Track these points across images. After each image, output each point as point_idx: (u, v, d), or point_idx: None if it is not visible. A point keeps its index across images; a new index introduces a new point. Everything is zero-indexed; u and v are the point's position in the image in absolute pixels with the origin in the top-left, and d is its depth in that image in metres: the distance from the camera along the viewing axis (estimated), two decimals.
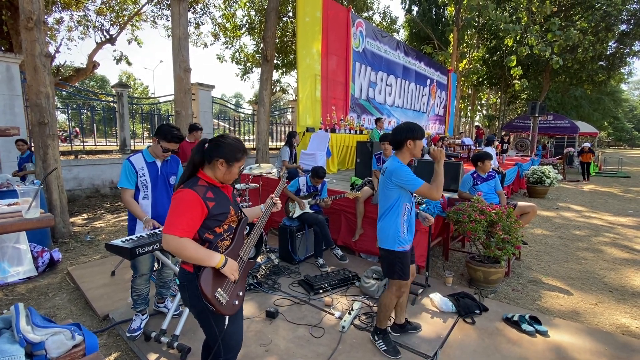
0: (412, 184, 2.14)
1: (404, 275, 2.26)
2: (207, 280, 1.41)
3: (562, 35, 11.94)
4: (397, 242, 2.22)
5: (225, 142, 1.50)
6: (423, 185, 2.11)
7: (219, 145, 1.49)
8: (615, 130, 40.67)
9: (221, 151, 1.48)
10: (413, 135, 2.19)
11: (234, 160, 1.51)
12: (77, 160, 7.36)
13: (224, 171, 1.51)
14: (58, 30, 11.75)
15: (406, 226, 2.24)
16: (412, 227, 2.31)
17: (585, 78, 19.09)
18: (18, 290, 3.31)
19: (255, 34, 14.15)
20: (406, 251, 2.25)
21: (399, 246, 2.22)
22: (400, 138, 2.21)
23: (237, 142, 1.55)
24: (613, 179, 13.34)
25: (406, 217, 2.23)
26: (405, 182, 2.15)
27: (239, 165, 1.55)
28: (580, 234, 5.46)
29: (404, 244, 2.23)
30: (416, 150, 2.21)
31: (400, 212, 2.22)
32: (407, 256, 2.26)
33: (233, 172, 1.53)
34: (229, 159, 1.50)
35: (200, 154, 1.51)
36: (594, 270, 3.95)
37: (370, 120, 9.08)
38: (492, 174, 4.07)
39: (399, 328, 2.55)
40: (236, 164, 1.53)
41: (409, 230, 2.27)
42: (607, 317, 2.95)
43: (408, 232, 2.26)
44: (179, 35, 5.69)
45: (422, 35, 19.37)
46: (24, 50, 4.32)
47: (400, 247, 2.23)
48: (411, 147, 2.19)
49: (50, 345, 1.11)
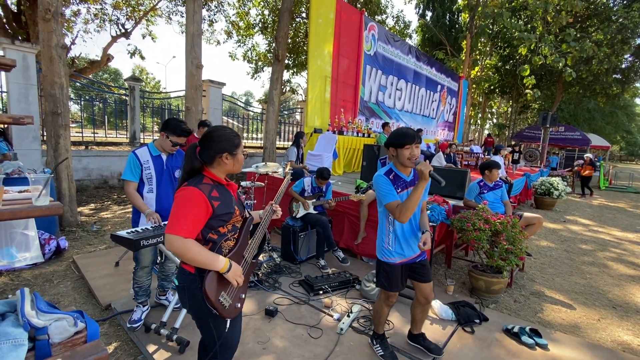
0: (382, 197, 2.05)
1: (387, 285, 2.19)
2: (212, 284, 1.37)
3: (577, 46, 11.79)
4: (381, 251, 2.19)
5: (219, 136, 1.46)
6: (391, 202, 2.00)
7: (214, 141, 1.45)
8: (627, 144, 39.97)
9: (220, 146, 1.45)
10: (392, 143, 2.05)
11: (235, 147, 1.48)
12: (87, 151, 7.47)
13: (231, 163, 1.48)
14: (75, 22, 11.96)
15: (392, 237, 2.12)
16: (404, 240, 2.14)
17: (599, 90, 18.81)
18: (24, 275, 3.38)
19: (267, 33, 14.24)
20: (391, 263, 2.14)
21: (384, 256, 2.17)
22: (386, 143, 2.13)
23: (226, 129, 1.52)
24: (623, 194, 13.11)
25: (392, 229, 2.12)
26: (378, 194, 2.08)
27: (241, 150, 1.52)
28: (587, 248, 5.38)
29: (388, 255, 2.14)
30: (400, 159, 2.03)
31: (385, 222, 2.16)
32: (392, 268, 2.15)
33: (239, 158, 1.51)
34: (230, 149, 1.46)
35: (197, 160, 1.46)
36: (598, 286, 3.90)
37: (378, 124, 9.07)
38: (499, 183, 4.03)
39: (412, 338, 2.49)
40: (238, 150, 1.49)
41: (397, 242, 2.12)
42: (609, 333, 2.90)
43: (396, 244, 2.12)
44: (193, 32, 5.75)
45: (435, 41, 19.28)
46: (41, 40, 4.41)
47: (385, 258, 2.16)
48: (394, 154, 2.06)
49: (53, 331, 1.13)
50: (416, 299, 2.32)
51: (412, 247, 2.16)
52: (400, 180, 2.09)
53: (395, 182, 2.07)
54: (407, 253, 2.15)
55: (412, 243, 2.16)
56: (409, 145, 1.99)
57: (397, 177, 2.09)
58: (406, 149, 1.99)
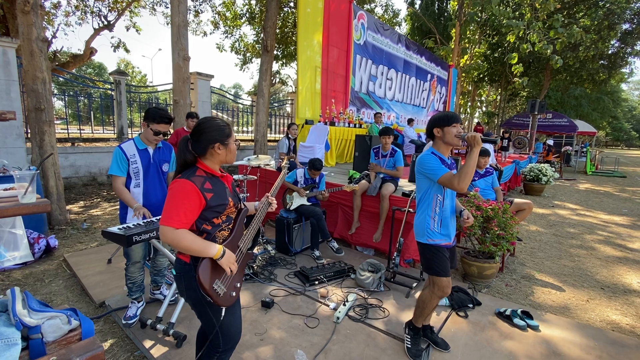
0: (434, 173, 2.03)
1: (441, 271, 2.10)
2: (205, 271, 1.39)
3: (565, 32, 11.88)
4: (426, 234, 2.14)
5: (209, 126, 1.47)
6: (446, 173, 1.99)
7: (205, 133, 1.46)
8: (613, 130, 40.81)
9: (211, 137, 1.45)
10: (439, 123, 2.08)
11: (226, 137, 1.48)
12: (74, 148, 7.30)
13: (224, 153, 1.49)
14: (55, 15, 11.56)
15: (438, 220, 2.10)
16: (449, 222, 2.14)
17: (585, 77, 19.09)
18: (14, 275, 3.32)
19: (255, 23, 13.99)
20: (438, 245, 2.11)
21: (429, 239, 2.13)
22: (429, 127, 2.15)
23: (216, 119, 1.52)
24: (609, 179, 13.43)
25: (438, 210, 2.10)
26: (427, 170, 2.07)
27: (233, 140, 1.52)
28: (575, 231, 5.52)
29: (434, 237, 2.11)
30: (447, 137, 2.06)
31: (431, 203, 2.12)
32: (440, 250, 2.11)
33: (232, 148, 1.51)
34: (221, 138, 1.47)
35: (189, 153, 1.47)
36: (586, 268, 4.01)
37: (369, 114, 9.05)
38: (490, 170, 4.08)
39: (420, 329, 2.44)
40: (230, 140, 1.50)
41: (444, 224, 2.11)
42: (598, 313, 3.00)
43: (442, 226, 2.11)
44: (178, 23, 5.60)
45: (424, 30, 19.22)
46: (21, 34, 4.25)
47: (431, 240, 2.12)
48: (440, 135, 2.09)
49: (46, 329, 1.11)
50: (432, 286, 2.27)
51: (453, 230, 2.17)
52: (444, 162, 2.11)
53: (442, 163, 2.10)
54: (451, 235, 2.16)
55: (453, 226, 2.18)
56: (456, 124, 2.07)
57: (441, 159, 2.11)
58: (454, 127, 2.06)
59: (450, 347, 2.36)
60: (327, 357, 2.24)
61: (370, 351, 2.32)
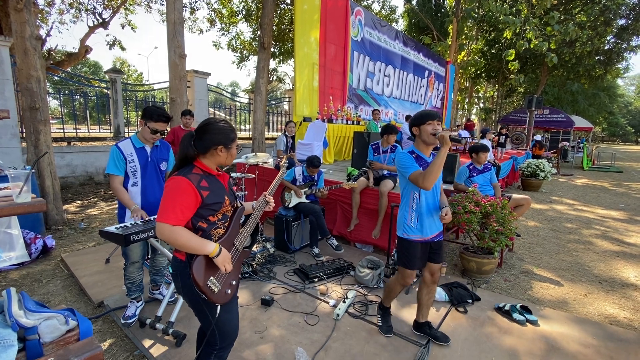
0: (405, 170, 2.13)
1: (406, 263, 2.24)
2: (200, 268, 1.39)
3: (561, 29, 11.89)
4: (402, 228, 2.24)
5: (215, 128, 1.48)
6: (415, 172, 2.09)
7: (210, 133, 1.47)
8: (609, 125, 40.95)
9: (216, 138, 1.47)
10: (415, 122, 2.16)
11: (230, 141, 1.52)
12: (70, 147, 7.25)
13: (225, 156, 1.52)
14: (49, 13, 11.43)
15: (415, 215, 2.19)
16: (426, 218, 2.19)
17: (582, 72, 19.12)
18: (11, 276, 3.29)
19: (252, 20, 13.89)
20: (412, 240, 2.20)
21: (404, 233, 2.23)
22: (409, 127, 2.22)
23: (225, 123, 1.54)
24: (606, 174, 13.49)
25: (415, 206, 2.19)
26: (401, 168, 2.16)
27: (236, 145, 1.56)
28: (572, 226, 5.54)
29: (409, 232, 2.21)
30: (423, 135, 2.13)
31: (408, 199, 2.22)
32: (412, 246, 2.21)
33: (232, 152, 1.55)
34: (226, 142, 1.49)
35: (192, 148, 1.47)
36: (584, 262, 4.02)
37: (367, 111, 9.04)
38: (488, 166, 4.08)
39: (417, 327, 2.48)
40: (233, 144, 1.53)
41: (420, 220, 2.18)
42: (596, 307, 3.01)
43: (418, 222, 2.19)
44: (174, 20, 5.55)
45: (422, 26, 19.16)
46: (14, 32, 4.20)
47: (406, 235, 2.22)
48: (418, 133, 2.16)
49: (43, 330, 1.10)
50: (423, 279, 2.37)
51: (432, 226, 2.22)
52: (422, 160, 2.17)
53: (417, 161, 2.16)
54: (426, 232, 2.21)
55: (432, 222, 2.22)
56: (431, 121, 2.10)
57: (419, 157, 2.19)
58: (429, 125, 2.10)
59: (450, 341, 2.38)
60: (328, 354, 2.24)
61: (370, 348, 2.32)
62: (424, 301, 2.40)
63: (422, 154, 2.19)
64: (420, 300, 2.42)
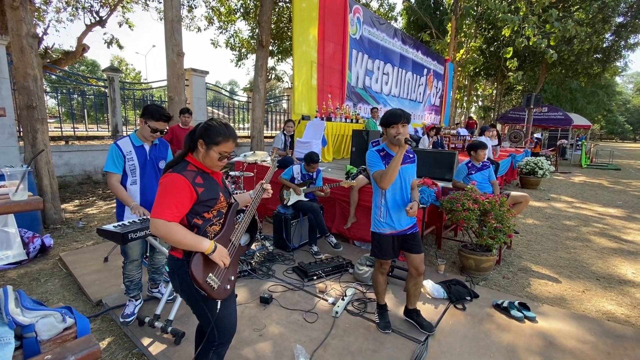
0: (369, 167, 2.27)
1: (378, 253, 2.40)
2: (198, 265, 1.39)
3: (560, 26, 11.88)
4: (373, 223, 2.39)
5: (209, 124, 1.48)
6: (377, 171, 2.21)
7: (202, 127, 1.48)
8: (608, 123, 41.04)
9: (202, 131, 1.46)
10: (382, 123, 2.27)
11: (212, 143, 1.43)
12: (68, 146, 7.22)
13: (202, 153, 1.45)
14: (46, 11, 11.37)
15: (383, 209, 2.31)
16: (394, 212, 2.31)
17: (580, 70, 19.14)
18: (9, 275, 3.29)
19: (250, 18, 13.85)
20: (382, 234, 2.34)
21: (375, 228, 2.37)
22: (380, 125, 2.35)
23: (223, 126, 1.48)
24: (604, 171, 13.53)
25: (383, 201, 2.31)
26: (367, 165, 2.30)
27: (219, 151, 1.45)
28: (570, 224, 5.56)
29: (379, 226, 2.35)
30: (388, 137, 2.23)
31: (377, 195, 2.35)
32: (383, 238, 2.35)
33: (211, 156, 1.45)
34: (208, 141, 1.44)
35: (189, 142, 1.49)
36: (582, 259, 4.04)
37: (366, 109, 9.03)
38: (487, 163, 4.09)
39: (406, 312, 2.60)
40: (214, 147, 1.44)
41: (388, 214, 2.31)
42: (593, 304, 3.02)
43: (387, 216, 2.31)
44: (172, 18, 5.53)
45: (420, 24, 19.13)
46: (10, 30, 4.17)
47: (376, 229, 2.36)
48: (385, 133, 2.26)
49: (40, 328, 1.09)
50: (409, 271, 2.47)
51: (403, 219, 2.34)
52: (390, 158, 2.24)
53: (385, 159, 2.27)
54: (397, 225, 2.33)
55: (402, 216, 2.33)
56: (395, 125, 2.17)
57: (388, 154, 2.29)
58: (392, 128, 2.18)
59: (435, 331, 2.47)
60: (326, 352, 2.24)
61: (369, 345, 2.32)
62: (412, 292, 2.53)
63: (391, 152, 2.28)
64: (408, 291, 2.56)
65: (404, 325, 2.55)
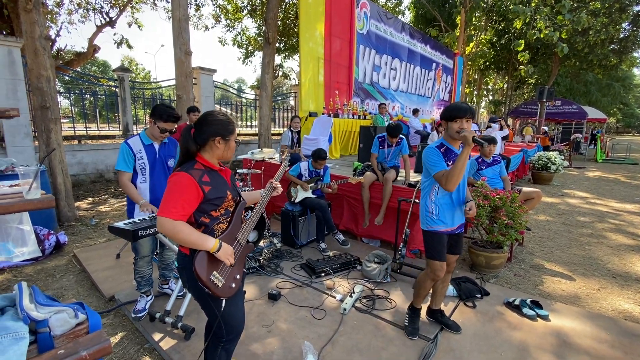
0: (431, 167, 2.11)
1: (436, 255, 2.20)
2: (202, 263, 1.40)
3: (573, 17, 11.54)
4: (425, 221, 2.24)
5: (214, 120, 1.49)
6: (440, 171, 2.06)
7: (209, 125, 1.48)
8: (624, 116, 39.80)
9: (214, 130, 1.47)
10: (443, 116, 2.12)
11: (229, 133, 1.51)
12: (81, 145, 7.37)
13: (223, 148, 1.51)
14: (58, 13, 11.57)
15: (435, 207, 2.18)
16: (448, 210, 2.18)
17: (595, 62, 18.58)
18: (26, 271, 3.38)
19: (257, 16, 13.84)
20: (436, 232, 2.19)
21: (428, 226, 2.22)
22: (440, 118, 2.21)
23: (223, 115, 1.54)
24: (620, 166, 13.16)
25: (434, 198, 2.18)
26: (426, 164, 2.14)
27: (234, 138, 1.54)
28: (585, 220, 5.43)
29: (432, 224, 2.20)
30: (450, 131, 2.09)
31: (429, 192, 2.21)
32: (439, 236, 2.20)
33: (231, 146, 1.53)
34: (224, 134, 1.49)
35: (192, 141, 1.48)
36: (597, 256, 3.94)
37: (374, 105, 8.96)
38: (497, 159, 4.01)
39: (430, 313, 2.54)
40: (231, 137, 1.52)
41: (441, 211, 2.17)
42: (609, 302, 2.95)
43: (440, 213, 2.17)
44: (179, 17, 5.57)
45: (429, 17, 18.84)
46: (24, 33, 4.26)
47: (429, 227, 2.22)
48: (445, 128, 2.13)
49: (53, 323, 1.12)
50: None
51: (456, 218, 2.21)
52: (452, 154, 2.13)
53: (446, 155, 2.12)
54: (450, 223, 2.20)
55: (456, 214, 2.21)
56: (460, 119, 2.02)
57: (449, 150, 2.13)
58: (455, 122, 2.04)
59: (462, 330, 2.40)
60: (335, 348, 2.24)
61: (377, 342, 2.31)
62: (439, 290, 2.44)
63: (451, 147, 2.14)
64: (435, 289, 2.45)
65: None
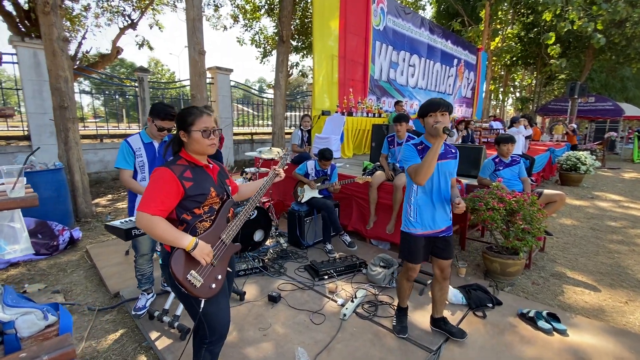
0: (404, 162, 2.11)
1: (407, 256, 2.21)
2: (179, 261, 1.37)
3: (609, 7, 10.76)
4: (404, 222, 2.21)
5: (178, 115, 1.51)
6: (412, 165, 2.04)
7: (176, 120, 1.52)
8: None
9: (178, 125, 1.49)
10: (420, 113, 2.11)
11: (188, 125, 1.46)
12: (103, 144, 7.64)
13: (189, 141, 1.49)
14: (85, 17, 12.06)
15: (414, 208, 2.12)
16: (427, 211, 2.11)
17: (633, 56, 17.29)
18: (40, 266, 3.51)
19: (274, 15, 13.86)
20: (413, 234, 2.15)
21: (406, 227, 2.19)
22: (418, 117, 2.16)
23: (190, 108, 1.51)
24: None
25: (412, 199, 2.13)
26: (402, 159, 2.14)
27: (198, 129, 1.45)
28: (616, 225, 5.03)
29: (409, 226, 2.16)
30: (427, 128, 2.06)
31: (409, 192, 2.17)
32: (413, 239, 2.15)
33: (195, 138, 1.45)
34: (185, 126, 1.47)
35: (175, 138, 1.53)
36: (627, 265, 3.62)
37: (390, 103, 8.74)
38: (516, 159, 3.77)
39: (433, 322, 2.42)
40: (192, 128, 1.45)
41: (419, 212, 2.11)
42: (637, 316, 2.68)
43: (418, 215, 2.11)
44: (193, 17, 5.61)
45: (451, 12, 18.19)
46: (42, 34, 4.43)
47: (406, 228, 2.19)
48: (423, 125, 2.09)
49: (20, 325, 1.11)
50: (434, 275, 2.30)
51: (437, 221, 2.14)
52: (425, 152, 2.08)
53: (422, 153, 2.08)
54: (429, 226, 2.13)
55: (437, 217, 2.13)
56: (433, 113, 2.00)
57: (427, 147, 2.10)
58: (430, 117, 2.02)
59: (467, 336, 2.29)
60: (330, 356, 2.15)
61: (376, 351, 2.20)
62: (437, 297, 2.34)
63: (430, 144, 2.08)
64: (434, 297, 2.36)
65: (415, 332, 2.40)
